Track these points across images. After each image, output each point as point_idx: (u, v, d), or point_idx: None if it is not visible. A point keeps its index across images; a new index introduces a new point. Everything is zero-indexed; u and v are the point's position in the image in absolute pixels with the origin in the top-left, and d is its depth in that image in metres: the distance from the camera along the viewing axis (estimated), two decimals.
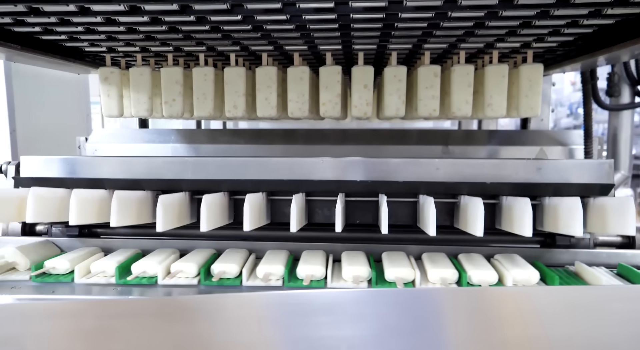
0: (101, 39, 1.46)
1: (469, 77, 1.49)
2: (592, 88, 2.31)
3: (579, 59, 1.55)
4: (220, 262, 1.29)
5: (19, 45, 1.39)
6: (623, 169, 2.65)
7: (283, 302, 0.90)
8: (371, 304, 0.90)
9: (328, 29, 1.29)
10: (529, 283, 1.22)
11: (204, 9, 1.17)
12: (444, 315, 0.91)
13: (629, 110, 2.54)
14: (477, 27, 1.28)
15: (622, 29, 1.25)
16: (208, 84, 1.57)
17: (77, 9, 1.16)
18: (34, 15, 1.20)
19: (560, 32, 1.33)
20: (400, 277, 1.22)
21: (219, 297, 0.97)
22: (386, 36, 1.38)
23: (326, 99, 1.54)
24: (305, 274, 1.24)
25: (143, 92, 1.58)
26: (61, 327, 0.91)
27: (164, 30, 1.33)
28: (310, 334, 0.89)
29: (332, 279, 1.25)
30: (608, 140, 2.72)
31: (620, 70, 2.48)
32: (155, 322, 0.90)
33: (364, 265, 1.27)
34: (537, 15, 1.18)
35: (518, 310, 0.93)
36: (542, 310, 0.91)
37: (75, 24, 1.28)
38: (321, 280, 1.26)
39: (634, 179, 3.70)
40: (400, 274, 1.22)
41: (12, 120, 2.43)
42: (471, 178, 1.36)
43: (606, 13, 1.15)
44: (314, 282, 1.24)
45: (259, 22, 1.23)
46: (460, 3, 1.09)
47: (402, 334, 0.88)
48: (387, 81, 1.51)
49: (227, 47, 1.54)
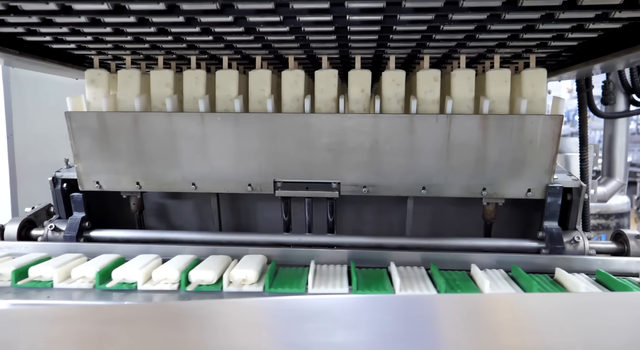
0: (88, 41, 1.42)
1: (470, 82, 1.47)
2: (587, 96, 2.32)
3: (575, 67, 1.55)
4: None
5: (18, 50, 1.39)
6: (618, 177, 2.67)
7: (278, 308, 0.90)
8: (366, 310, 0.90)
9: (324, 32, 1.27)
10: None
11: (193, 9, 1.13)
12: (438, 322, 0.91)
13: (624, 118, 2.56)
14: (479, 31, 1.26)
15: (617, 38, 1.25)
16: (199, 87, 1.53)
17: (58, 7, 1.12)
18: (14, 14, 1.15)
19: (564, 37, 1.31)
20: None
21: (215, 303, 0.96)
22: (384, 40, 1.36)
23: (322, 103, 1.53)
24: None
25: (131, 94, 1.54)
26: (56, 333, 0.91)
27: (153, 32, 1.29)
28: (304, 339, 0.89)
29: None
30: (604, 147, 2.73)
31: (616, 79, 2.50)
32: (150, 327, 0.89)
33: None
34: (542, 19, 1.15)
35: (513, 317, 0.93)
36: (536, 317, 0.91)
37: (58, 24, 1.23)
38: None
39: (629, 186, 3.71)
40: None
41: (10, 125, 2.42)
42: None
43: (614, 16, 1.13)
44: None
45: (251, 24, 1.20)
46: (461, 5, 1.07)
47: (396, 340, 0.88)
48: (385, 85, 1.50)
49: (220, 51, 1.52)
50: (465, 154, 1.47)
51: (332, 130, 1.48)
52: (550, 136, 1.44)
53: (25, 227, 1.63)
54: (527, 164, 1.47)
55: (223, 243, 1.55)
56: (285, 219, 1.62)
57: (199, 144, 1.52)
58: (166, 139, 1.53)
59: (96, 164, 1.57)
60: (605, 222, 3.55)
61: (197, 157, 1.53)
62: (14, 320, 0.94)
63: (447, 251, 1.47)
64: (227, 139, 1.51)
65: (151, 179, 1.58)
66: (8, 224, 1.60)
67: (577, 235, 1.49)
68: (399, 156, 1.49)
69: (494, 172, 1.49)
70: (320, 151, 1.50)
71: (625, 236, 1.49)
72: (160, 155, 1.55)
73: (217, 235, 1.61)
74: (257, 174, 1.53)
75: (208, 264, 1.32)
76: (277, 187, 1.54)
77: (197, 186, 1.56)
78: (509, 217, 1.69)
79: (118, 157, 1.56)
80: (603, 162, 2.73)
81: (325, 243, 1.55)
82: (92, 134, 1.54)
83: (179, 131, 1.51)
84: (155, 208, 1.82)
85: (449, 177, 1.50)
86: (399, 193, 1.54)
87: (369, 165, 1.50)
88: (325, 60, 1.53)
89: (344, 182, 1.52)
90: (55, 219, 1.65)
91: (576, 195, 1.50)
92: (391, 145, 1.48)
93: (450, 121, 1.45)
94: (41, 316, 0.95)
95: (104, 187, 1.60)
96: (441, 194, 1.51)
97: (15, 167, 2.48)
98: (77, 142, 1.55)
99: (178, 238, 1.58)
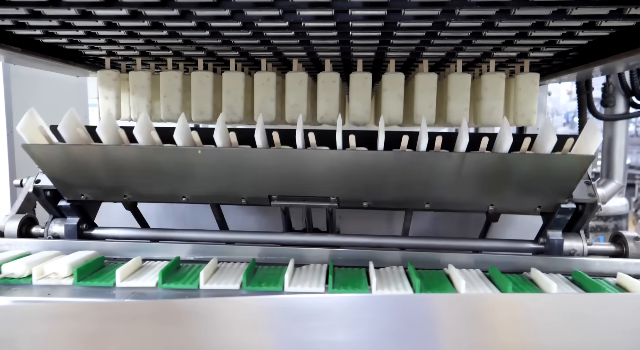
0: (101, 43, 1.46)
1: (466, 85, 1.51)
2: (587, 98, 2.33)
3: (575, 69, 1.57)
4: None
5: (20, 48, 1.40)
6: (617, 178, 2.67)
7: (279, 306, 0.91)
8: (368, 309, 0.91)
9: (325, 28, 1.28)
10: None
11: (205, 15, 1.17)
12: (438, 322, 0.92)
13: (623, 120, 2.56)
14: (474, 37, 1.29)
15: (617, 41, 1.26)
16: (206, 89, 1.58)
17: (78, 12, 1.16)
18: (35, 19, 1.21)
19: (555, 43, 1.34)
20: None
21: (215, 301, 0.97)
22: (385, 43, 1.39)
23: (324, 105, 1.55)
24: None
25: (143, 95, 1.59)
26: (56, 329, 0.91)
27: (164, 35, 1.34)
28: (304, 338, 0.89)
29: None
30: (603, 149, 2.74)
31: (615, 81, 2.50)
32: (150, 325, 0.90)
33: None
34: (533, 26, 1.19)
35: (512, 318, 0.94)
36: (536, 318, 0.92)
37: (76, 27, 1.29)
38: None
39: (628, 188, 3.72)
40: None
41: (10, 122, 2.43)
42: None
43: (600, 25, 1.17)
44: None
45: (249, 19, 1.20)
46: (457, 13, 1.10)
47: (397, 339, 0.88)
48: (386, 88, 1.52)
49: (216, 47, 1.52)
50: (476, 186, 1.41)
51: (330, 163, 1.40)
52: (576, 176, 1.35)
53: (26, 225, 1.63)
54: (545, 193, 1.41)
55: (221, 242, 1.56)
56: (284, 224, 1.62)
57: (185, 171, 1.46)
58: (149, 168, 1.46)
59: (76, 183, 1.51)
60: (603, 224, 3.56)
61: (185, 179, 1.49)
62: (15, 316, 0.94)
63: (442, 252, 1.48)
64: (215, 168, 1.45)
65: (139, 194, 1.55)
66: (8, 221, 1.60)
67: (576, 243, 1.49)
68: (404, 185, 1.43)
69: (506, 198, 1.45)
70: (318, 177, 1.44)
71: (624, 238, 1.51)
72: (144, 179, 1.49)
73: (218, 234, 1.62)
74: (251, 193, 1.50)
75: None
76: (273, 200, 1.48)
77: (188, 199, 1.53)
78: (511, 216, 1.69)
79: (99, 180, 1.50)
80: (602, 164, 2.74)
81: (309, 242, 1.54)
82: (65, 164, 1.45)
83: (162, 162, 1.44)
84: None
85: (456, 200, 1.48)
86: (401, 206, 1.55)
87: (371, 188, 1.46)
88: (328, 63, 1.56)
89: (342, 199, 1.47)
90: (51, 221, 1.63)
91: (588, 210, 1.48)
92: (396, 177, 1.41)
93: (463, 158, 1.33)
94: (41, 313, 0.96)
95: (90, 198, 1.56)
96: (445, 208, 1.52)
97: (15, 164, 2.48)
98: (49, 172, 1.48)
99: (179, 236, 1.59)
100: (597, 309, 0.94)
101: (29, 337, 0.91)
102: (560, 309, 0.93)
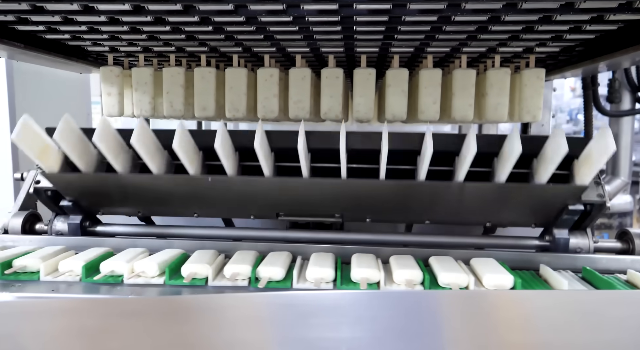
0: (104, 39, 1.46)
1: (471, 81, 1.50)
2: (593, 94, 2.32)
3: (580, 64, 1.55)
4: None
5: (22, 44, 1.40)
6: (623, 175, 2.65)
7: (285, 303, 0.90)
8: (373, 306, 0.90)
9: (329, 22, 1.26)
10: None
11: (208, 10, 1.17)
12: (445, 318, 0.91)
13: (629, 116, 2.55)
14: (480, 32, 1.28)
15: (624, 35, 1.25)
16: (209, 85, 1.57)
17: (81, 7, 1.16)
18: (38, 14, 1.20)
19: (562, 38, 1.33)
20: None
21: (221, 297, 0.97)
22: (389, 39, 1.38)
23: (328, 101, 1.54)
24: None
25: (146, 92, 1.59)
26: (61, 325, 0.91)
27: (167, 31, 1.33)
28: (309, 335, 0.89)
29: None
30: None
31: (621, 77, 2.48)
32: (156, 321, 0.90)
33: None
34: (540, 20, 1.18)
35: (519, 314, 0.93)
36: (543, 314, 0.91)
37: (79, 22, 1.28)
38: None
39: (633, 185, 3.70)
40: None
41: (14, 119, 2.43)
42: None
43: (609, 19, 1.16)
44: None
45: (252, 13, 1.19)
46: (464, 7, 1.09)
47: (402, 336, 0.87)
48: (389, 84, 1.51)
49: (230, 48, 1.55)
50: (474, 209, 1.47)
51: (333, 190, 1.44)
52: (571, 199, 1.38)
53: (30, 221, 1.63)
54: (547, 212, 1.45)
55: (224, 238, 1.55)
56: None
57: (195, 195, 1.51)
58: (159, 192, 1.50)
59: (82, 202, 1.55)
60: (607, 221, 3.54)
61: (195, 201, 1.54)
62: (19, 312, 0.94)
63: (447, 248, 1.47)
64: (223, 193, 1.50)
65: (150, 211, 1.62)
66: (12, 218, 1.60)
67: (582, 240, 1.48)
68: (405, 207, 1.51)
69: (503, 218, 1.53)
70: (323, 201, 1.50)
71: (631, 235, 1.49)
72: (156, 201, 1.55)
73: (220, 230, 1.61)
74: (259, 212, 1.58)
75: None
76: (280, 216, 1.55)
77: (199, 214, 1.58)
78: None
79: (113, 202, 1.56)
80: (607, 160, 2.73)
81: (315, 239, 1.53)
82: (77, 190, 1.51)
83: (172, 188, 1.49)
84: None
85: (455, 219, 1.56)
86: (403, 221, 1.62)
87: (374, 208, 1.52)
88: (331, 58, 1.55)
89: (346, 216, 1.54)
90: (54, 218, 1.63)
91: (596, 211, 1.46)
92: (397, 201, 1.47)
93: (462, 188, 1.36)
94: (45, 309, 0.95)
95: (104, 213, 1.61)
96: (445, 223, 1.58)
97: (18, 161, 2.48)
98: (63, 193, 1.53)
99: (184, 233, 1.58)
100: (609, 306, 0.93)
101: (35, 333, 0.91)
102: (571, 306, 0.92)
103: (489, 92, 1.52)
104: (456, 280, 1.20)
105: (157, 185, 1.47)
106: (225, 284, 1.23)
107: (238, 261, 1.29)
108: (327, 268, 1.25)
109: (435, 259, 1.35)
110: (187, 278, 1.22)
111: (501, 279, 1.20)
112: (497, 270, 1.25)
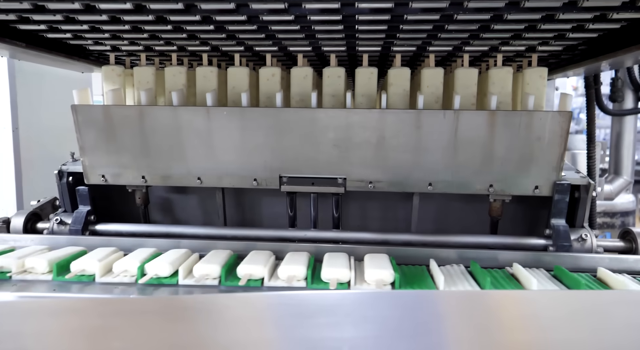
0: (105, 38, 1.46)
1: (473, 80, 1.49)
2: (595, 93, 2.31)
3: (583, 63, 1.55)
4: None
5: (24, 43, 1.40)
6: (626, 174, 2.65)
7: (284, 302, 0.90)
8: (373, 306, 0.90)
9: (333, 31, 1.29)
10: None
11: (210, 9, 1.17)
12: (445, 318, 0.91)
13: (632, 115, 2.54)
14: (482, 30, 1.28)
15: (627, 34, 1.24)
16: (211, 84, 1.57)
17: (82, 6, 1.16)
18: (39, 13, 1.20)
19: (565, 37, 1.32)
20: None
21: (221, 297, 0.97)
22: (391, 38, 1.38)
23: (330, 101, 1.54)
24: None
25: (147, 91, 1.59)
26: (61, 325, 0.91)
27: (168, 30, 1.33)
28: (311, 335, 0.89)
29: None
30: (611, 145, 2.72)
31: (624, 76, 2.48)
32: (156, 321, 0.90)
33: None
34: (543, 19, 1.17)
35: (519, 314, 0.93)
36: (543, 314, 0.91)
37: (80, 21, 1.28)
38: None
39: (635, 184, 3.69)
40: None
41: (15, 119, 2.43)
42: None
43: (612, 17, 1.15)
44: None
45: (254, 12, 1.19)
46: (466, 5, 1.09)
47: (402, 336, 0.87)
48: (391, 83, 1.51)
49: (232, 48, 1.55)
50: (472, 150, 1.48)
51: (338, 125, 1.48)
52: (559, 133, 1.44)
53: (31, 220, 1.63)
54: (535, 161, 1.47)
55: (227, 238, 1.55)
56: (290, 214, 1.63)
57: (205, 139, 1.53)
58: (172, 133, 1.54)
59: (102, 157, 1.59)
60: (610, 221, 3.53)
61: (203, 151, 1.55)
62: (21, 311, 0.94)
63: (449, 248, 1.47)
64: (233, 134, 1.52)
65: (156, 173, 1.60)
66: (14, 217, 1.61)
67: (584, 232, 1.48)
68: (405, 152, 1.49)
69: (501, 168, 1.49)
70: (326, 146, 1.50)
71: (634, 234, 1.49)
72: (166, 149, 1.56)
73: (220, 230, 1.62)
74: (262, 169, 1.55)
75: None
76: (283, 182, 1.55)
77: (203, 181, 1.57)
78: (515, 214, 1.68)
79: (124, 150, 1.58)
80: (610, 159, 2.72)
81: (329, 238, 1.55)
82: (98, 128, 1.56)
83: (185, 125, 1.53)
84: (160, 202, 1.85)
85: (456, 173, 1.50)
86: (405, 189, 1.54)
87: (375, 161, 1.51)
88: (333, 58, 1.55)
89: (349, 178, 1.53)
90: (60, 212, 1.66)
91: (584, 193, 1.50)
92: (397, 140, 1.48)
93: (457, 117, 1.44)
94: (47, 308, 0.95)
95: (110, 181, 1.61)
96: (448, 190, 1.51)
97: (20, 161, 2.49)
98: (83, 136, 1.57)
99: (182, 232, 1.59)
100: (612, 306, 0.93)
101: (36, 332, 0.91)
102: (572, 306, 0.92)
103: (491, 90, 1.52)
104: (337, 276, 1.22)
105: (175, 118, 1.50)
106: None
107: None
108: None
109: (328, 256, 1.33)
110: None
111: (381, 274, 1.21)
112: (380, 266, 1.24)
